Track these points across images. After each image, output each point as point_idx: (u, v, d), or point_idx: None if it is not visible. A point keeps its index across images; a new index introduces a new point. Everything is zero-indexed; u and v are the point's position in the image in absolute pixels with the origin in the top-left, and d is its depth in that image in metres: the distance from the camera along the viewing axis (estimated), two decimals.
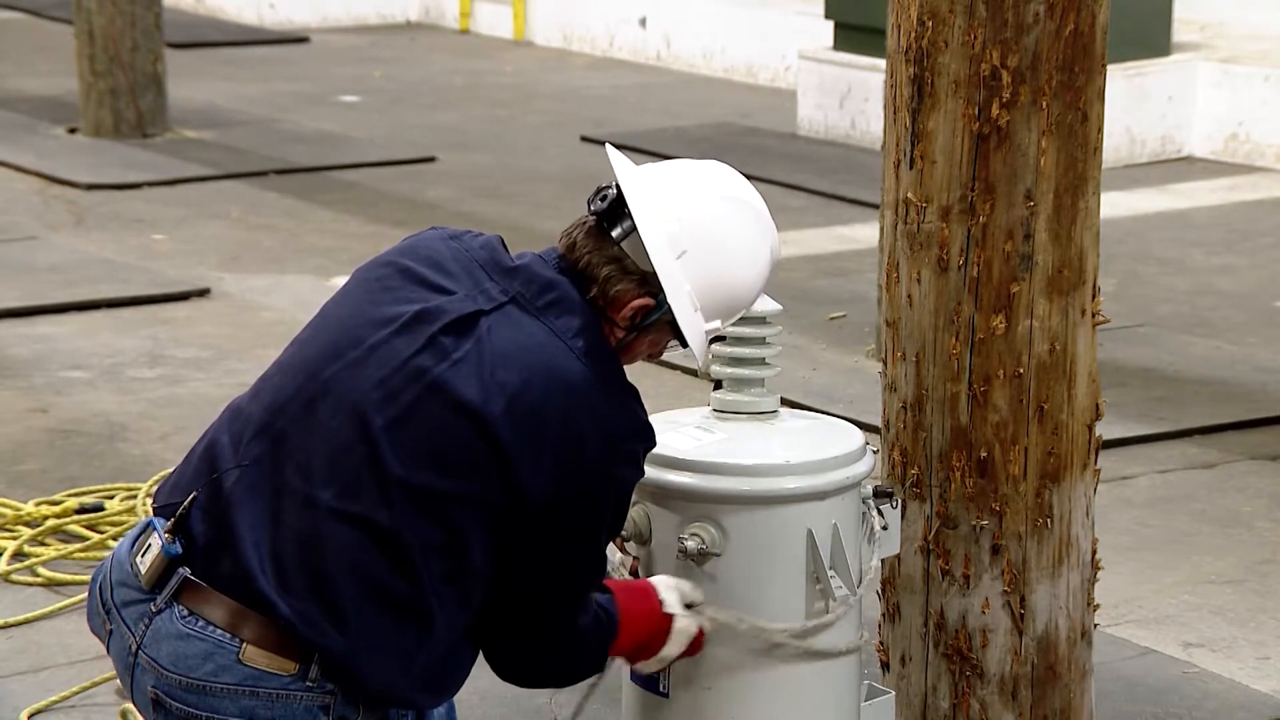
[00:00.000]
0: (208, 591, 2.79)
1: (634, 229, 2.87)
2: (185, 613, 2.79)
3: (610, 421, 2.83)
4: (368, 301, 2.90)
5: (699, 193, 2.91)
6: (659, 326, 2.92)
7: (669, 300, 2.87)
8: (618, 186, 2.90)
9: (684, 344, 2.94)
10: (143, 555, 2.84)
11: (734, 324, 3.29)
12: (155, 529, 2.84)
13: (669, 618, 3.10)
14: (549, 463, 2.79)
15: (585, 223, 2.91)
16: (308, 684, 2.78)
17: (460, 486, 2.79)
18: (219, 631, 2.78)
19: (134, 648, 2.82)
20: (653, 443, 2.90)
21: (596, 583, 2.96)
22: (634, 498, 3.25)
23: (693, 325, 2.91)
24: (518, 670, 2.97)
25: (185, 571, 2.80)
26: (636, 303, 2.89)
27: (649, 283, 2.88)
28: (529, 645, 2.93)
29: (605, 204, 2.88)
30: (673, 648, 3.11)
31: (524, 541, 2.83)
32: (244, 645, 2.77)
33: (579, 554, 2.88)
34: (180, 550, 2.81)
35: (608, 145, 3.00)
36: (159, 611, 2.81)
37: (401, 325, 2.84)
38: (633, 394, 2.89)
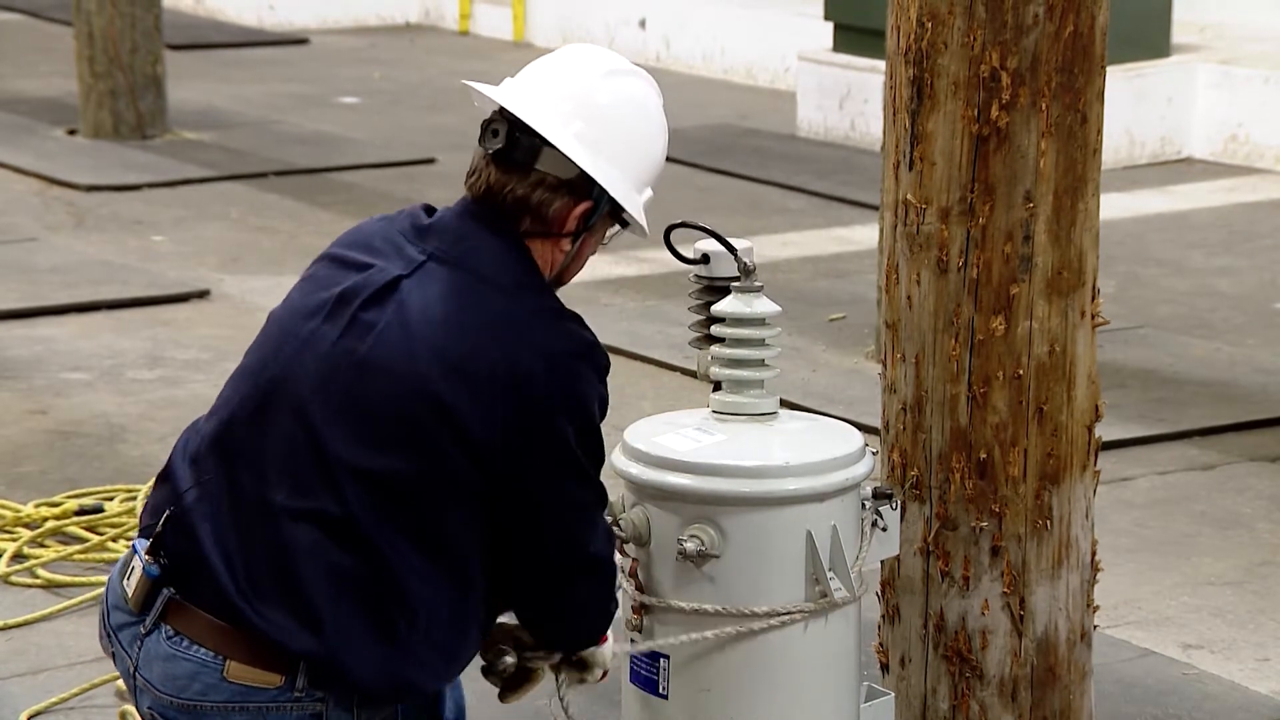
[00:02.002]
0: (190, 611, 2.80)
1: (540, 147, 2.85)
2: (171, 633, 2.80)
3: (553, 349, 2.80)
4: (301, 296, 2.91)
5: (583, 82, 2.91)
6: (599, 223, 2.92)
7: (611, 192, 2.88)
8: (504, 116, 2.87)
9: (624, 225, 2.96)
10: (128, 579, 2.85)
11: (734, 327, 3.29)
12: (136, 552, 2.85)
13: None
14: (497, 408, 2.76)
15: (488, 163, 2.89)
16: (296, 694, 2.77)
17: (412, 461, 2.76)
18: (202, 650, 2.78)
19: (131, 669, 2.84)
20: (605, 359, 2.87)
21: (600, 512, 2.93)
22: (633, 499, 3.26)
23: (635, 204, 2.93)
24: (573, 620, 2.96)
25: (169, 592, 2.81)
26: (578, 210, 2.89)
27: (577, 187, 2.88)
28: (565, 589, 2.91)
29: (502, 137, 2.86)
30: (606, 651, 3.08)
31: (503, 503, 2.81)
32: (227, 662, 2.77)
33: (566, 491, 2.84)
34: (159, 572, 2.81)
35: (468, 83, 2.98)
36: (148, 633, 2.81)
37: (328, 311, 2.85)
38: (573, 318, 2.87)
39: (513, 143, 2.86)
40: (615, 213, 2.92)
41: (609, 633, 3.07)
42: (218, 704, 2.77)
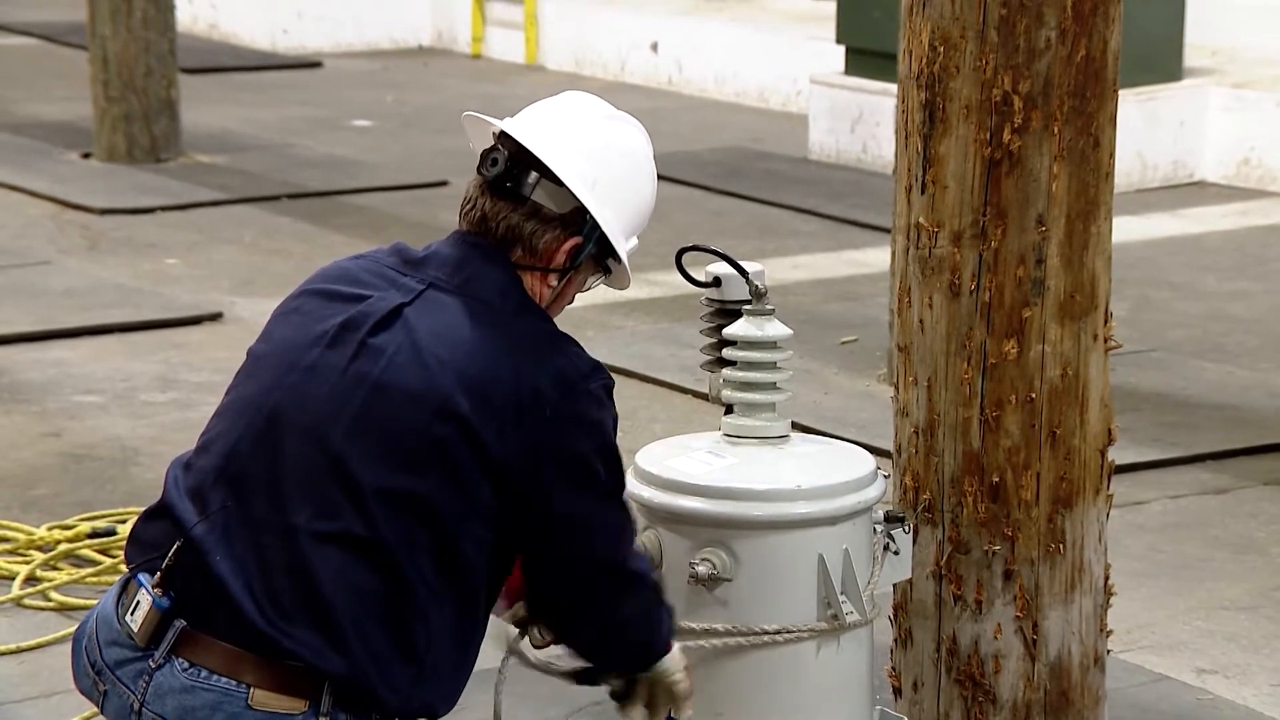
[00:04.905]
0: (208, 641, 2.79)
1: (539, 179, 2.89)
2: (186, 665, 2.78)
3: (561, 369, 2.84)
4: (292, 330, 2.92)
5: (587, 123, 2.96)
6: (585, 263, 2.95)
7: (603, 227, 2.91)
8: (505, 147, 2.91)
9: (607, 272, 2.98)
10: (132, 614, 2.83)
11: (745, 350, 3.29)
12: (143, 585, 2.83)
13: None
14: (513, 427, 2.79)
15: (484, 192, 2.93)
16: (321, 719, 2.77)
17: (436, 480, 2.78)
18: (223, 680, 2.77)
19: (136, 706, 2.81)
20: (610, 379, 2.90)
21: (629, 528, 2.92)
22: (645, 522, 3.26)
23: (623, 247, 2.96)
24: (592, 640, 2.97)
25: (181, 624, 2.80)
26: (569, 245, 2.91)
27: (569, 223, 2.91)
28: (603, 607, 2.92)
29: (502, 166, 2.90)
30: (671, 661, 3.07)
31: (527, 525, 2.83)
32: (251, 690, 2.76)
33: (586, 510, 2.86)
34: (169, 604, 2.81)
35: (471, 114, 3.01)
36: (159, 667, 2.79)
37: (330, 339, 2.86)
38: (573, 341, 2.91)
39: (511, 172, 2.90)
40: (600, 257, 2.96)
41: (672, 642, 3.05)
42: None
